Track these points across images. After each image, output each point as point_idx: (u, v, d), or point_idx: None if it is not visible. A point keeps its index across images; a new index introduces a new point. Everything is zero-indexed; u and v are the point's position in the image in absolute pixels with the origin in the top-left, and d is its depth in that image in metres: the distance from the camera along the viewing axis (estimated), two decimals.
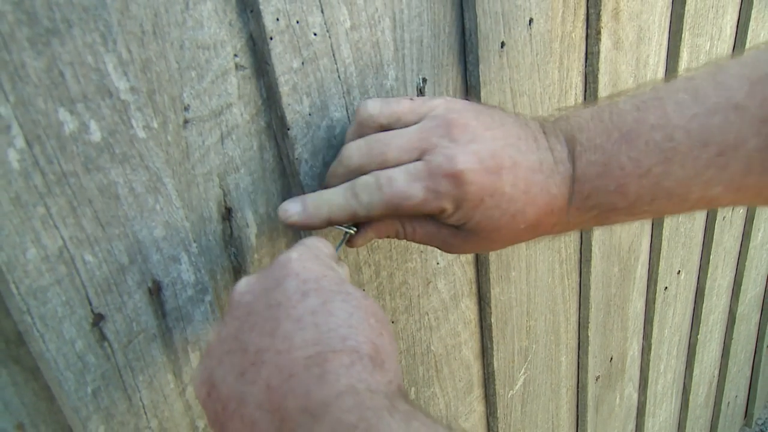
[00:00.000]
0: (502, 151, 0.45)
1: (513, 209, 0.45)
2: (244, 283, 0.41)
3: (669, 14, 0.93)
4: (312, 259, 0.41)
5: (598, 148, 0.45)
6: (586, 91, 0.84)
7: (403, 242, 0.65)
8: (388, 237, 0.50)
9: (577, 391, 1.13)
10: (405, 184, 0.44)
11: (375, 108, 0.48)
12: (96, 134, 0.39)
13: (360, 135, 0.48)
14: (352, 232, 0.50)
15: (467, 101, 0.49)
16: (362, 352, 0.36)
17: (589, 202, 0.46)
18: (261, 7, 0.45)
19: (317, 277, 0.39)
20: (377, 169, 0.45)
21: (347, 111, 0.53)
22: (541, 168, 0.45)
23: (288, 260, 0.40)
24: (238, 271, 0.52)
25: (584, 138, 0.45)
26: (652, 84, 0.47)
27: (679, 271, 1.26)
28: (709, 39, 1.03)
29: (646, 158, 0.44)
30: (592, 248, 0.96)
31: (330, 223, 0.47)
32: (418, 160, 0.45)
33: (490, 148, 0.44)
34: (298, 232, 0.55)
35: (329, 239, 0.49)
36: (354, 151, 0.46)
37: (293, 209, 0.46)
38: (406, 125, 0.47)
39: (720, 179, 0.43)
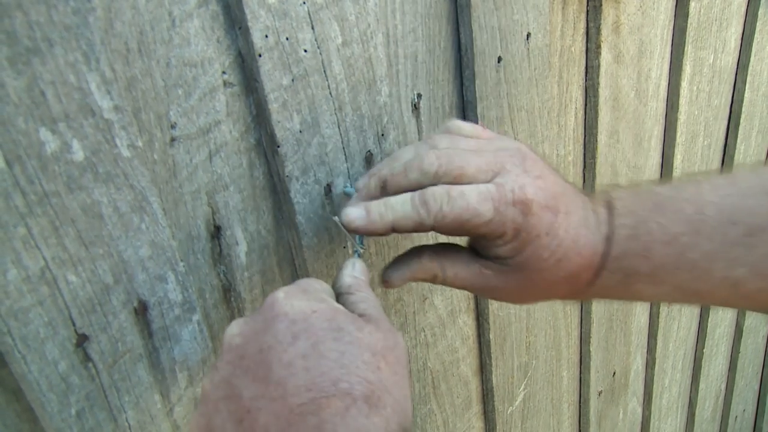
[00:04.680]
0: (561, 196, 0.46)
1: (560, 254, 0.46)
2: (234, 325, 0.41)
3: (671, 27, 0.92)
4: (299, 295, 0.41)
5: (631, 213, 0.47)
6: (586, 105, 0.83)
7: None
8: (423, 281, 0.50)
9: (579, 406, 1.11)
10: (476, 201, 0.44)
11: (466, 126, 0.51)
12: (78, 153, 0.39)
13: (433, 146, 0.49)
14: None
15: None
16: (355, 394, 0.36)
17: (616, 264, 0.47)
18: (249, 24, 0.44)
19: (306, 316, 0.39)
20: (451, 182, 0.46)
21: (339, 128, 0.53)
22: (587, 224, 0.47)
23: (274, 300, 0.40)
24: (227, 289, 0.51)
25: (620, 205, 0.48)
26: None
27: None
28: (712, 52, 1.02)
29: (674, 226, 0.45)
30: None
31: (393, 230, 0.46)
32: (489, 182, 0.45)
33: (552, 189, 0.46)
34: (290, 250, 0.55)
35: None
36: (434, 159, 0.46)
37: (355, 214, 0.46)
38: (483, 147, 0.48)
39: (746, 260, 0.44)
